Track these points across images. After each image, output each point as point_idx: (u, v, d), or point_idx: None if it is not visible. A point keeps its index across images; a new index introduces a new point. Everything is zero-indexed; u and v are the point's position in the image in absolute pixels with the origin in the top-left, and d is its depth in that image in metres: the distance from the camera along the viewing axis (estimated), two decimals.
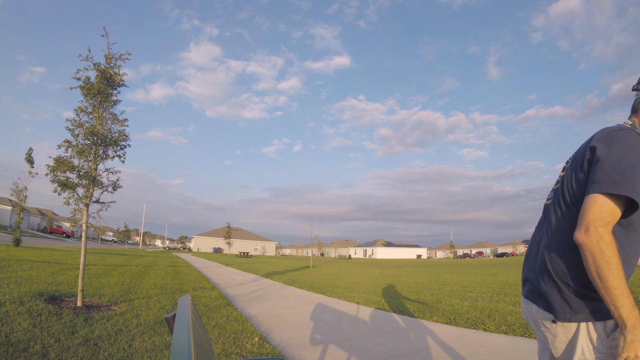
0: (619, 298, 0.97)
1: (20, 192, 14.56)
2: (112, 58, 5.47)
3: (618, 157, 1.01)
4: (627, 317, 0.97)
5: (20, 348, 3.05)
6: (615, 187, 0.97)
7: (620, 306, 0.97)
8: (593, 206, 1.00)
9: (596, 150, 1.08)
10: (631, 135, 1.06)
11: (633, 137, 1.06)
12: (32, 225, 62.12)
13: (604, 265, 0.97)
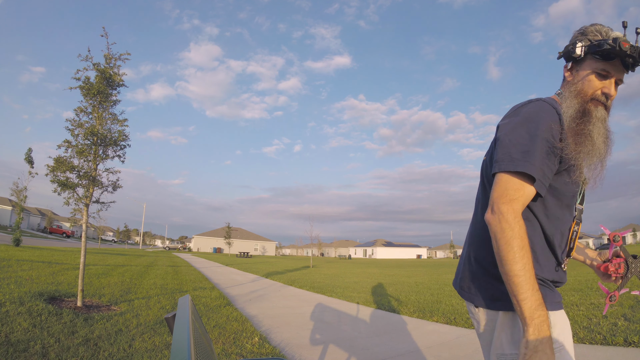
0: (519, 288, 0.82)
1: (20, 192, 14.55)
2: (111, 58, 5.46)
3: (517, 131, 0.96)
4: (530, 315, 0.80)
5: (20, 348, 3.05)
6: (512, 164, 0.92)
7: (521, 299, 0.82)
8: (497, 185, 0.94)
9: (499, 127, 1.05)
10: (536, 107, 1.00)
11: (537, 108, 0.99)
12: (32, 225, 62.10)
13: (504, 245, 0.87)
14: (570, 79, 1.11)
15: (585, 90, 1.04)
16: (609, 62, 1.01)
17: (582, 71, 1.07)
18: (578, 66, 1.08)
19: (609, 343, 3.63)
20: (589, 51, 1.03)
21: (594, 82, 1.04)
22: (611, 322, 4.39)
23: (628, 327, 4.08)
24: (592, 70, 1.04)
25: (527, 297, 0.82)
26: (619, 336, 3.74)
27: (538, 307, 0.81)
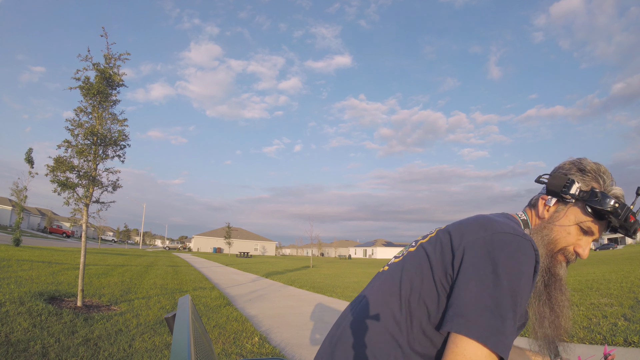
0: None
1: (20, 192, 14.55)
2: (111, 58, 5.46)
3: (498, 290, 0.67)
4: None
5: (20, 348, 3.05)
6: (489, 337, 0.64)
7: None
8: (457, 348, 0.66)
9: (468, 259, 0.72)
10: (520, 253, 0.71)
11: (522, 256, 0.71)
12: (32, 225, 62.12)
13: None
14: (544, 217, 0.90)
15: (559, 242, 0.86)
16: (599, 220, 0.84)
17: (564, 216, 0.87)
18: (560, 207, 0.88)
19: (609, 343, 3.63)
20: (585, 201, 0.83)
21: (572, 236, 0.86)
22: (611, 322, 4.39)
23: (628, 327, 4.08)
24: (576, 222, 0.85)
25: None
26: (619, 336, 3.74)
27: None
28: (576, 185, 0.85)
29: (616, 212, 0.80)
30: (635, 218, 0.82)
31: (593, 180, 0.86)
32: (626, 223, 0.81)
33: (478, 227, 0.77)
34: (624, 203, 0.81)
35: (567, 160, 0.93)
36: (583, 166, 0.88)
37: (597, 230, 0.86)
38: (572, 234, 0.86)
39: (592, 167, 0.87)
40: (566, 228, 0.86)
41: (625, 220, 0.80)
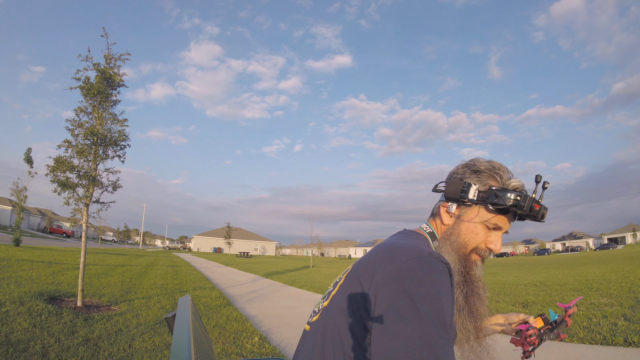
0: None
1: (20, 192, 14.55)
2: (111, 58, 5.46)
3: (425, 321, 0.62)
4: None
5: (20, 348, 3.05)
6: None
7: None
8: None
9: (382, 299, 0.67)
10: (434, 278, 0.67)
11: (437, 282, 0.66)
12: (32, 225, 62.12)
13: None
14: (449, 223, 0.88)
15: (469, 244, 0.85)
16: (504, 214, 0.84)
17: (468, 219, 0.85)
18: (462, 210, 0.87)
19: (609, 343, 3.63)
20: (486, 201, 0.82)
21: (480, 235, 0.85)
22: (611, 322, 4.39)
23: (628, 327, 4.08)
24: (481, 221, 0.84)
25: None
26: (619, 336, 3.74)
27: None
28: (473, 188, 0.84)
29: (518, 204, 0.80)
30: (540, 205, 0.82)
31: (489, 178, 0.85)
32: (532, 212, 0.81)
33: (384, 261, 0.72)
34: (525, 194, 0.81)
35: (459, 164, 0.92)
36: (477, 167, 0.88)
37: (505, 224, 0.86)
38: (480, 233, 0.85)
39: (485, 166, 0.87)
40: (472, 229, 0.85)
41: (530, 209, 0.81)
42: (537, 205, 0.81)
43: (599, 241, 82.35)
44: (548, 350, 3.62)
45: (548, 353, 3.54)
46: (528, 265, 24.64)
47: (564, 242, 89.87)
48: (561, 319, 1.06)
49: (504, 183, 0.85)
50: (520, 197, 0.80)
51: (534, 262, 29.30)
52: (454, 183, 0.87)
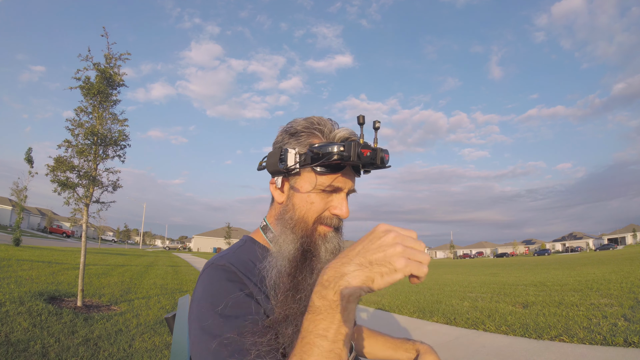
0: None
1: (20, 192, 14.54)
2: (112, 58, 5.47)
3: (210, 341, 0.59)
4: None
5: (20, 348, 3.05)
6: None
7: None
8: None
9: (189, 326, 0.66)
10: (211, 284, 0.66)
11: (212, 285, 0.66)
12: (32, 225, 62.11)
13: None
14: (282, 200, 0.76)
15: (307, 216, 0.72)
16: (338, 173, 0.71)
17: (300, 189, 0.73)
18: (292, 181, 0.74)
19: (609, 343, 3.63)
20: (309, 163, 0.69)
21: (318, 203, 0.72)
22: (611, 322, 4.39)
23: (628, 327, 4.08)
24: (313, 187, 0.71)
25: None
26: (619, 336, 3.74)
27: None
28: (292, 152, 0.71)
29: (342, 155, 0.66)
30: (370, 149, 0.69)
31: (310, 136, 0.73)
32: (361, 159, 0.67)
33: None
34: (349, 141, 0.67)
35: (279, 130, 0.80)
36: (294, 128, 0.75)
37: (344, 182, 0.73)
38: (316, 201, 0.72)
39: (303, 125, 0.75)
40: (306, 199, 0.72)
41: (358, 157, 0.67)
42: (365, 150, 0.68)
43: (599, 241, 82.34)
44: (548, 351, 3.62)
45: (548, 353, 3.54)
46: (528, 265, 24.63)
47: (564, 242, 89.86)
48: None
49: (328, 136, 0.73)
50: (344, 147, 0.66)
51: (534, 263, 29.29)
52: (272, 154, 0.74)
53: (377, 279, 0.49)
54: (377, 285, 0.49)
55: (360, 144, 0.67)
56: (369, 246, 0.51)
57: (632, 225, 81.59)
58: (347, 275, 0.49)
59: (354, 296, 0.49)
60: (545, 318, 4.99)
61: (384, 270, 0.48)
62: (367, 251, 0.50)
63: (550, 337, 4.05)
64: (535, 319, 5.00)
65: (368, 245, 0.51)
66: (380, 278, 0.48)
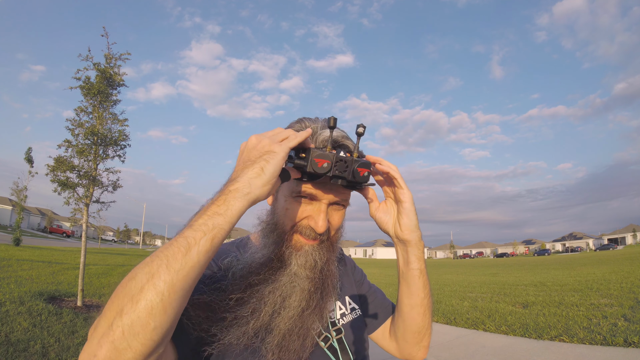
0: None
1: (20, 192, 14.54)
2: (112, 58, 5.47)
3: None
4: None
5: (20, 348, 3.05)
6: None
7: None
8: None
9: None
10: None
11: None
12: (32, 225, 62.11)
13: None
14: (270, 203, 0.72)
15: (283, 223, 0.66)
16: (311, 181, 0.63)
17: (279, 194, 0.69)
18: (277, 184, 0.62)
19: (609, 343, 3.63)
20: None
21: (292, 210, 0.65)
22: (611, 322, 4.39)
23: (628, 327, 4.07)
24: (290, 194, 0.65)
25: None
26: (619, 336, 3.73)
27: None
28: None
29: (300, 164, 0.58)
30: (327, 159, 0.57)
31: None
32: (317, 169, 0.57)
33: None
34: (310, 148, 0.58)
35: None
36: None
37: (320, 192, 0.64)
38: (291, 208, 0.65)
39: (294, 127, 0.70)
40: (283, 204, 0.66)
41: (314, 167, 0.56)
42: (320, 161, 0.56)
43: (599, 242, 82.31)
44: (548, 351, 3.62)
45: (548, 353, 3.54)
46: (528, 265, 24.62)
47: (564, 242, 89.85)
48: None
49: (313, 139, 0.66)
50: (305, 153, 0.58)
51: (534, 263, 29.28)
52: None
53: (265, 166, 0.51)
54: (267, 170, 0.51)
55: (317, 150, 0.57)
56: (242, 155, 0.55)
57: (632, 225, 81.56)
58: (236, 178, 0.51)
59: (240, 192, 0.49)
60: (545, 318, 4.99)
61: (267, 157, 0.52)
62: (245, 158, 0.54)
63: (550, 337, 4.04)
64: (535, 319, 5.00)
65: (241, 156, 0.55)
66: (267, 163, 0.51)
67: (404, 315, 0.76)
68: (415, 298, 0.72)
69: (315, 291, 0.65)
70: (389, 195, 0.72)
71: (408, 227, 0.67)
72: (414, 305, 0.73)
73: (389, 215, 0.71)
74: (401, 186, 0.66)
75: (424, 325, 0.75)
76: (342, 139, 0.68)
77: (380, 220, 0.71)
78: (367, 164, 0.61)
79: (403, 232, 0.68)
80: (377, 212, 0.71)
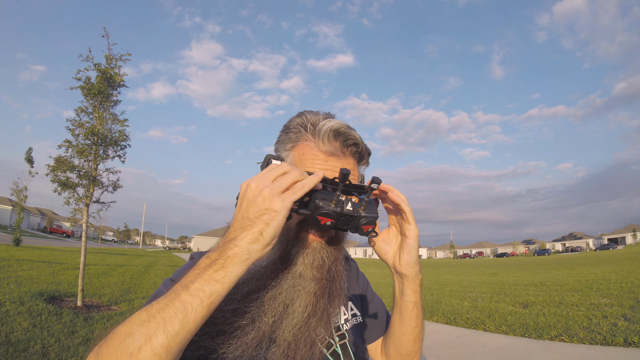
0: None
1: (21, 192, 14.55)
2: (112, 59, 5.47)
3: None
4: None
5: (20, 348, 3.05)
6: None
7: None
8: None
9: None
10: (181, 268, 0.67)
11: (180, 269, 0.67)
12: (32, 225, 62.11)
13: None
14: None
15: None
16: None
17: None
18: None
19: (609, 343, 3.63)
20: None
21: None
22: (611, 322, 4.39)
23: (628, 327, 4.08)
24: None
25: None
26: (619, 336, 3.74)
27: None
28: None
29: (302, 215, 0.55)
30: (331, 218, 0.54)
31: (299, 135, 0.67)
32: (319, 227, 0.56)
33: None
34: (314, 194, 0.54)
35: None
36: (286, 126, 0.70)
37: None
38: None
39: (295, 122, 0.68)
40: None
41: (315, 223, 0.55)
42: (323, 219, 0.53)
43: (599, 241, 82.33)
44: (549, 351, 3.62)
45: (548, 353, 3.54)
46: (528, 265, 24.63)
47: (564, 242, 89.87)
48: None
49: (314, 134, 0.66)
50: (309, 199, 0.55)
51: (534, 263, 29.30)
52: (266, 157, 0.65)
53: (265, 230, 0.47)
54: (267, 234, 0.47)
55: (321, 208, 0.52)
56: (241, 208, 0.51)
57: (632, 225, 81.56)
58: (235, 239, 0.48)
59: (239, 258, 0.47)
60: (545, 318, 4.99)
61: (266, 218, 0.48)
62: (244, 213, 0.50)
63: (550, 337, 4.05)
64: (535, 319, 5.00)
65: (240, 208, 0.51)
66: (267, 226, 0.48)
67: (395, 339, 0.76)
68: (407, 326, 0.72)
69: (322, 295, 0.62)
70: (393, 224, 0.69)
71: (407, 263, 0.66)
72: (405, 332, 0.73)
73: (390, 245, 0.69)
74: (409, 221, 0.63)
75: (413, 350, 0.75)
76: (345, 129, 0.66)
77: (380, 250, 0.69)
78: (372, 221, 0.57)
79: (402, 266, 0.66)
80: (378, 241, 0.69)
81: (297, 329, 0.60)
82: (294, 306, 0.60)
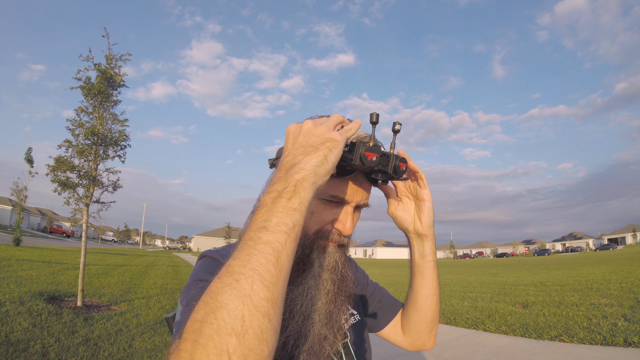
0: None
1: (21, 192, 14.54)
2: (112, 58, 5.47)
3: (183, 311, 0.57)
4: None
5: (20, 348, 3.05)
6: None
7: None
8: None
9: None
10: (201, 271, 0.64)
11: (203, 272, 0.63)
12: (32, 225, 62.12)
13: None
14: None
15: (306, 228, 0.62)
16: (343, 178, 0.61)
17: None
18: None
19: (609, 343, 3.63)
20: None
21: (318, 214, 0.62)
22: (611, 322, 4.39)
23: (628, 327, 4.08)
24: (316, 195, 0.58)
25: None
26: (619, 336, 3.74)
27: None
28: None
29: (345, 156, 0.56)
30: (378, 153, 0.56)
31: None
32: (366, 163, 0.55)
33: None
34: (353, 142, 0.57)
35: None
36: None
37: (350, 193, 0.62)
38: (317, 211, 0.62)
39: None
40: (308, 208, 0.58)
41: (362, 160, 0.54)
42: (370, 154, 0.55)
43: (599, 241, 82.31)
44: (548, 351, 3.62)
45: (548, 353, 3.54)
46: (528, 265, 24.63)
47: (564, 242, 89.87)
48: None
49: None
50: (349, 147, 0.56)
51: (534, 263, 29.30)
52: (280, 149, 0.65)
53: (328, 155, 0.48)
54: (330, 160, 0.48)
55: (365, 145, 0.55)
56: (299, 139, 0.50)
57: (632, 225, 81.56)
58: (299, 163, 0.46)
59: (308, 181, 0.44)
60: (545, 318, 4.99)
61: (329, 144, 0.49)
62: (303, 141, 0.49)
63: (550, 337, 4.05)
64: (535, 319, 5.00)
65: (297, 139, 0.50)
66: (330, 152, 0.48)
67: (419, 306, 0.80)
68: (430, 287, 0.78)
69: (337, 292, 0.65)
70: (405, 194, 0.75)
71: (428, 223, 0.73)
72: (429, 295, 0.78)
73: (408, 213, 0.75)
74: (426, 186, 0.71)
75: (436, 314, 0.81)
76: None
77: (400, 218, 0.75)
78: (404, 160, 0.61)
79: (423, 227, 0.73)
80: (397, 211, 0.75)
81: (321, 324, 0.62)
82: (318, 303, 0.62)
